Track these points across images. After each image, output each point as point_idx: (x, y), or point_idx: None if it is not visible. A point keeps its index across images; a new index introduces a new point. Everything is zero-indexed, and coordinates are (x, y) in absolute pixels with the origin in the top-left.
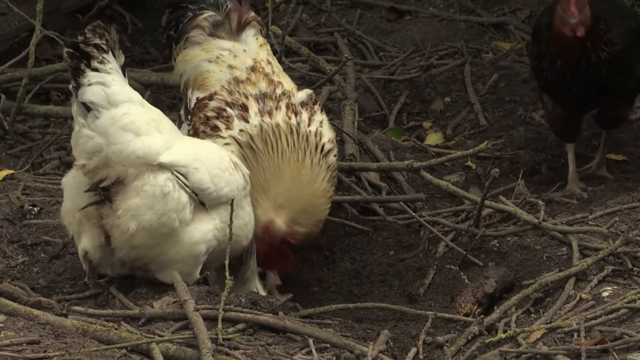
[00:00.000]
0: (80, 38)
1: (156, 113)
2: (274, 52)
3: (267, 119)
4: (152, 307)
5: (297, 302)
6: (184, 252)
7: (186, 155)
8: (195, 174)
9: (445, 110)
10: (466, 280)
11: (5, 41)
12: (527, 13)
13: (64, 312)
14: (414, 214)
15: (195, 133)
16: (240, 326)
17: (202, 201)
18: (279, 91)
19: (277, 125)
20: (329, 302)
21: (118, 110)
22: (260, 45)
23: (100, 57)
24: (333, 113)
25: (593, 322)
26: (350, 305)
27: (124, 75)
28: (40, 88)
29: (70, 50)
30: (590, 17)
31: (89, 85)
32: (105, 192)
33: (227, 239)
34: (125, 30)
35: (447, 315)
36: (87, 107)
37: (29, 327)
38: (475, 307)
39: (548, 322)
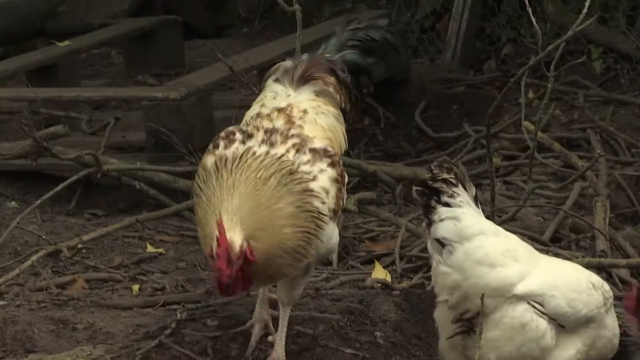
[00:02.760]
0: (428, 175)
1: (512, 241)
2: (525, 148)
3: (264, 147)
4: None
5: None
6: None
7: (542, 284)
8: (551, 302)
9: None
10: None
11: None
12: None
13: None
14: None
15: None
16: None
17: (561, 324)
18: (293, 131)
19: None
20: None
21: (471, 244)
22: (313, 100)
23: (450, 191)
24: (584, 209)
25: None
26: None
27: (477, 205)
28: None
29: (420, 188)
30: None
31: (441, 221)
32: (469, 323)
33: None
34: (377, 123)
35: None
36: (441, 243)
37: None
38: None
39: None
